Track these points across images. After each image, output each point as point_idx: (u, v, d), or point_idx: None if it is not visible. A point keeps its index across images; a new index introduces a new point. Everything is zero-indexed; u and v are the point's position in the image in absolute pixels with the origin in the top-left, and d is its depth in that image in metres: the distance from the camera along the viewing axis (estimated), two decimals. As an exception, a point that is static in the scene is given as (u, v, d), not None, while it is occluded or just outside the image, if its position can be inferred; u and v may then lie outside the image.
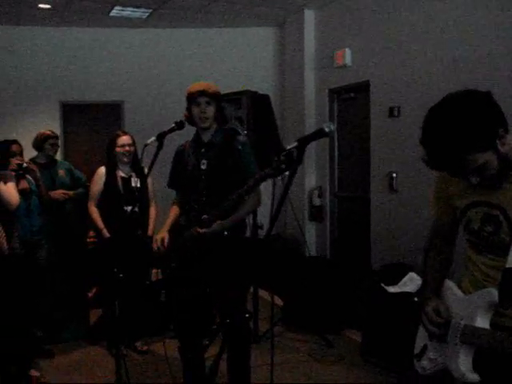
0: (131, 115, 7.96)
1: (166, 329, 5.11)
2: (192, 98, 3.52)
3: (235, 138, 3.58)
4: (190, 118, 3.57)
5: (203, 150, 3.59)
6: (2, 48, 7.60)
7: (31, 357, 4.48)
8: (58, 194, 5.41)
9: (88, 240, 6.05)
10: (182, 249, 3.52)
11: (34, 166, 5.00)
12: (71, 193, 5.54)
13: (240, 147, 3.52)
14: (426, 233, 4.90)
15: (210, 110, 3.52)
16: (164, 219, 3.80)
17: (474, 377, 1.97)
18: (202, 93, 3.50)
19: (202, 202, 3.52)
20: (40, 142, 5.52)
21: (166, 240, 3.52)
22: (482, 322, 1.97)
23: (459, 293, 2.14)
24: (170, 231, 3.64)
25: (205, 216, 3.39)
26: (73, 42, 7.85)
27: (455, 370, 2.01)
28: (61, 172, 5.57)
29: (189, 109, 3.57)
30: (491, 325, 1.98)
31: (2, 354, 4.19)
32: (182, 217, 3.69)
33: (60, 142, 7.74)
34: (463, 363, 1.99)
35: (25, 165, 4.75)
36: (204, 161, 3.56)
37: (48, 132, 5.63)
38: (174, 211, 3.78)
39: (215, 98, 3.53)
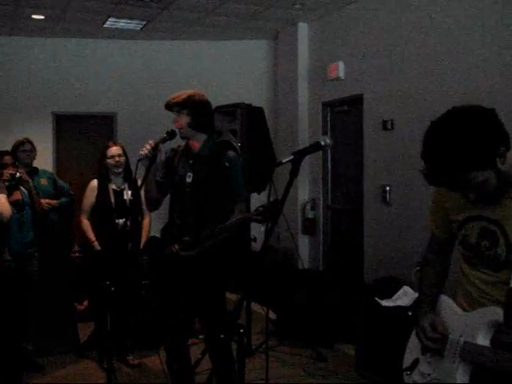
0: (124, 126, 7.96)
1: (159, 342, 5.06)
2: (169, 111, 3.50)
3: (224, 152, 3.46)
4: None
5: (191, 161, 3.51)
6: (-5, 58, 7.60)
7: (21, 371, 4.42)
8: (42, 203, 5.15)
9: (73, 255, 6.00)
10: (161, 265, 3.49)
11: (26, 177, 4.90)
12: (55, 202, 5.35)
13: (227, 164, 3.41)
14: (419, 246, 4.91)
15: (182, 120, 3.42)
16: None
17: (471, 394, 1.96)
18: (167, 104, 3.47)
19: (185, 219, 3.46)
20: (14, 150, 5.28)
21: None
22: (483, 339, 1.96)
23: (457, 309, 2.13)
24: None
25: (186, 238, 3.35)
26: (67, 53, 7.85)
27: (452, 387, 1.99)
28: (43, 181, 5.36)
29: None
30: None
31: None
32: (164, 228, 3.64)
33: (52, 153, 7.79)
34: (461, 380, 1.97)
35: (18, 175, 4.69)
36: (190, 173, 3.47)
37: (20, 139, 5.36)
38: None
39: (182, 106, 3.41)
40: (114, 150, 4.82)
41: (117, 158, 4.78)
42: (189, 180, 3.47)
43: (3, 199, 4.16)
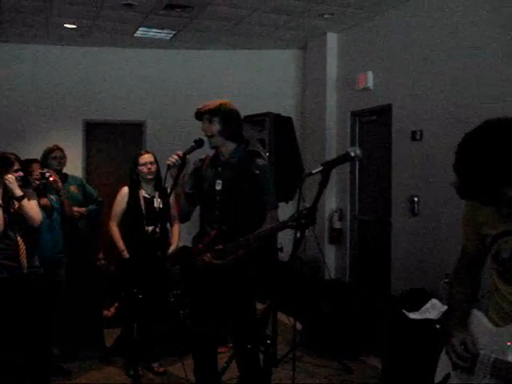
0: (153, 135, 8.01)
1: (184, 350, 5.06)
2: (197, 119, 3.54)
3: (254, 160, 3.49)
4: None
5: (220, 169, 3.53)
6: (28, 66, 7.72)
7: (48, 375, 4.46)
8: (73, 210, 5.14)
9: (98, 262, 6.04)
10: (193, 274, 3.50)
11: (55, 176, 4.86)
12: (83, 210, 5.35)
13: (257, 172, 3.43)
14: (447, 258, 4.86)
15: (212, 127, 3.46)
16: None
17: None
18: (199, 111, 3.51)
19: (217, 227, 3.46)
20: (44, 157, 5.30)
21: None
22: (515, 357, 1.92)
23: (489, 325, 2.09)
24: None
25: (219, 247, 3.36)
26: (97, 62, 7.95)
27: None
28: (72, 188, 5.37)
29: None
30: None
31: (20, 372, 4.18)
32: (195, 237, 3.66)
33: (82, 160, 7.88)
34: (491, 397, 1.94)
35: (47, 174, 4.72)
36: (219, 181, 3.49)
37: (51, 146, 5.41)
38: None
39: (213, 114, 3.45)
40: (146, 157, 4.86)
41: (149, 166, 4.82)
42: (218, 187, 3.49)
43: (34, 205, 4.22)
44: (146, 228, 4.75)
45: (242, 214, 3.43)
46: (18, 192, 4.05)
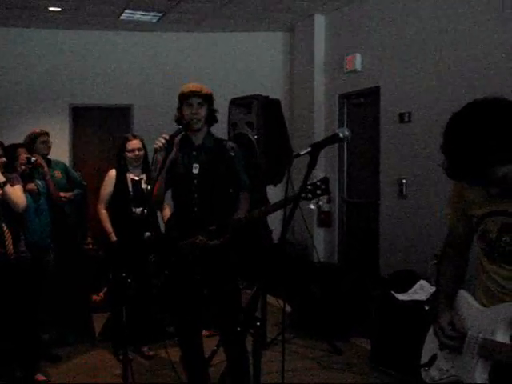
0: (140, 118, 7.95)
1: (166, 336, 5.05)
2: (184, 99, 3.51)
3: (227, 143, 3.62)
4: (180, 119, 3.55)
5: (194, 152, 3.56)
6: (12, 50, 7.62)
7: (37, 361, 4.45)
8: (58, 195, 5.13)
9: (86, 247, 6.01)
10: (182, 255, 3.50)
11: (42, 161, 4.85)
12: (70, 194, 5.30)
13: (233, 154, 3.54)
14: (436, 240, 4.87)
15: (202, 112, 3.49)
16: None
17: (491, 391, 1.93)
18: (195, 93, 3.48)
19: (200, 209, 3.49)
20: (31, 141, 5.21)
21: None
22: (503, 336, 1.92)
23: (476, 304, 2.09)
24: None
25: (213, 227, 3.37)
26: (83, 45, 7.86)
27: (471, 383, 1.97)
28: (56, 173, 5.29)
29: (180, 110, 3.55)
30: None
31: (9, 358, 4.17)
32: (169, 223, 3.68)
33: (69, 145, 7.82)
34: (480, 377, 1.94)
35: (33, 159, 4.67)
36: (196, 165, 3.52)
37: (38, 130, 5.34)
38: None
39: (207, 99, 3.51)
40: (134, 143, 4.81)
41: (136, 152, 4.79)
42: (195, 171, 3.52)
43: (18, 190, 4.17)
44: (134, 210, 4.74)
45: (219, 195, 3.50)
46: (0, 178, 4.00)
